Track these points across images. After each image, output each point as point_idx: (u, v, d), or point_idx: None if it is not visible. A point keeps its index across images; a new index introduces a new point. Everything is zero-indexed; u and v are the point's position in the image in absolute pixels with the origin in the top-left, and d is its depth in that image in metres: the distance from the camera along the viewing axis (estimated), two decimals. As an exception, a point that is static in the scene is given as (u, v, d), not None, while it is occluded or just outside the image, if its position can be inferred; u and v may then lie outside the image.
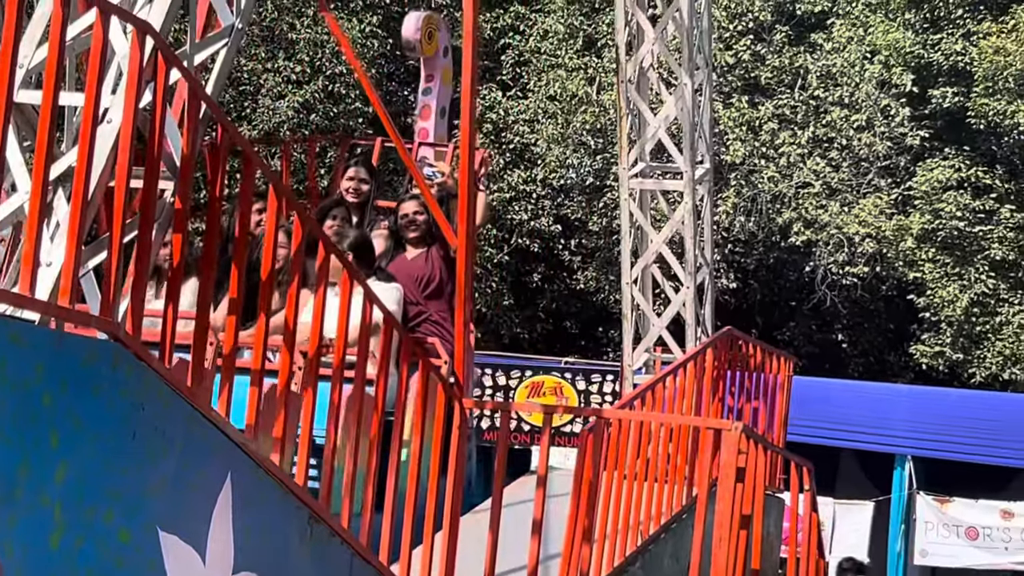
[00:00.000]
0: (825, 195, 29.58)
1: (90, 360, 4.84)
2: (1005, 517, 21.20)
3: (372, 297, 6.80)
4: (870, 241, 28.95)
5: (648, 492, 9.03)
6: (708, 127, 12.86)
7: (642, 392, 9.45)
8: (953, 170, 28.72)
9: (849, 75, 29.50)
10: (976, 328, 28.61)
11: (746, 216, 29.91)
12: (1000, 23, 28.28)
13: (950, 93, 29.13)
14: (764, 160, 29.70)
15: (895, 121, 29.25)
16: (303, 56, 28.55)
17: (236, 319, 5.93)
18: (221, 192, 5.82)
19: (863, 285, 30.09)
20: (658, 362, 13.42)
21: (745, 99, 30.04)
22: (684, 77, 12.33)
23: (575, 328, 33.51)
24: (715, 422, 9.65)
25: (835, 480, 21.82)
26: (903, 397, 23.38)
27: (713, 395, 10.97)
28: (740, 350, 11.94)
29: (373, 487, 6.86)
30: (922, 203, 28.65)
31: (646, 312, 12.59)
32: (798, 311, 32.23)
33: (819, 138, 29.81)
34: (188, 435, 5.31)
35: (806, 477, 10.15)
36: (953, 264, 28.56)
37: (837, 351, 32.18)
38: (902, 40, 29.06)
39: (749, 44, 30.32)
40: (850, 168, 29.76)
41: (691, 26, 12.29)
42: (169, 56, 5.47)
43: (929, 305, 28.98)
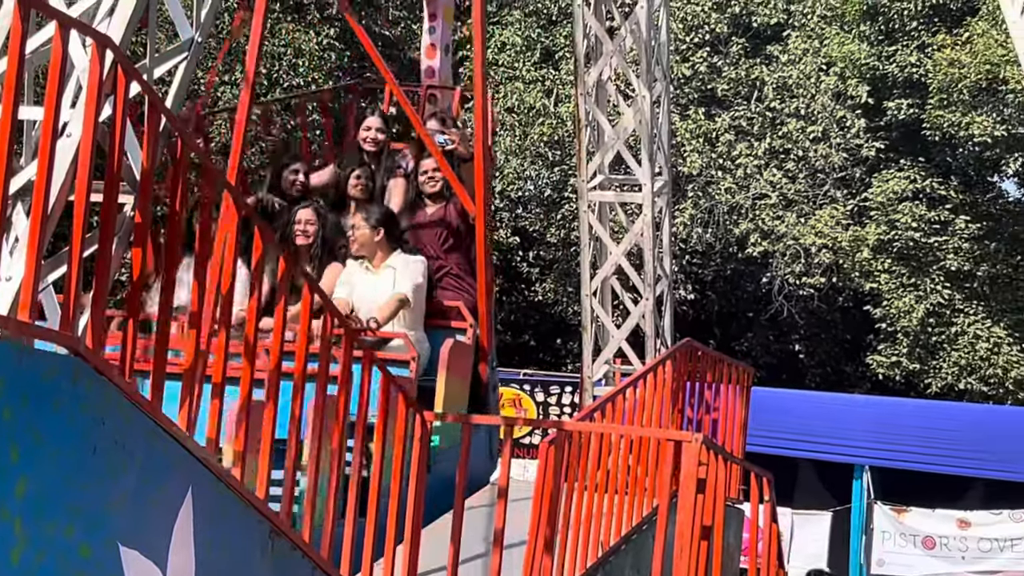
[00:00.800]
0: (782, 206, 29.71)
1: (50, 375, 4.81)
2: (962, 526, 21.32)
3: (333, 309, 6.77)
4: (826, 252, 29.08)
5: (609, 504, 9.03)
6: (666, 139, 12.90)
7: (602, 404, 9.45)
8: (908, 181, 28.90)
9: (805, 87, 29.65)
10: (932, 338, 28.77)
11: (703, 227, 30.01)
12: (954, 35, 28.48)
13: (905, 105, 29.31)
14: (721, 171, 29.81)
15: (851, 132, 29.41)
16: (261, 69, 28.47)
17: (198, 330, 5.91)
18: (182, 206, 5.81)
19: (820, 296, 30.23)
20: (618, 374, 13.45)
21: (702, 111, 30.16)
22: (642, 89, 12.37)
23: (534, 340, 33.53)
24: (675, 434, 9.66)
25: (793, 490, 21.90)
26: (860, 407, 23.49)
27: (673, 406, 10.98)
28: (699, 361, 11.97)
29: (335, 499, 6.84)
30: (878, 214, 28.81)
31: (605, 324, 12.62)
32: (756, 322, 32.35)
33: (775, 149, 29.94)
34: (149, 450, 5.28)
35: (766, 488, 10.17)
36: (909, 275, 28.71)
37: (795, 362, 32.31)
38: (857, 52, 29.23)
39: (706, 56, 30.44)
40: (806, 179, 29.90)
41: (649, 39, 12.33)
42: (129, 69, 5.45)
43: (885, 316, 29.13)
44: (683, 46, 30.25)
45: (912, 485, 21.51)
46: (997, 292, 29.09)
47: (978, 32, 27.72)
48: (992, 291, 29.03)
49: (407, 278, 10.36)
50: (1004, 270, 29.11)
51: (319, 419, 6.73)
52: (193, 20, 6.38)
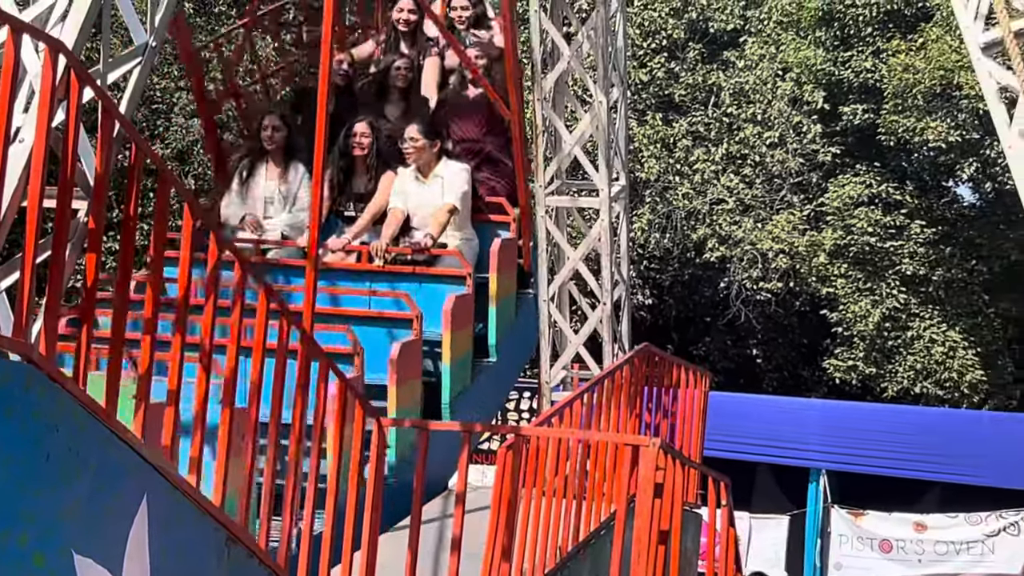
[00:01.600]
0: (739, 211, 29.80)
1: (2, 382, 4.77)
2: (918, 530, 21.43)
3: (291, 319, 6.74)
4: (783, 257, 29.18)
5: (567, 509, 9.03)
6: (623, 144, 12.93)
7: (560, 409, 9.45)
8: (864, 186, 29.03)
9: (762, 92, 29.75)
10: (888, 343, 28.90)
11: (661, 233, 30.07)
12: (909, 41, 28.63)
13: (860, 110, 29.44)
14: (679, 177, 29.88)
15: (807, 138, 29.53)
16: (216, 74, 28.38)
17: (151, 339, 5.87)
18: (135, 211, 5.77)
19: (777, 301, 30.33)
20: (576, 379, 13.45)
21: (659, 116, 30.23)
22: (599, 95, 12.38)
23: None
24: (633, 438, 9.67)
25: (751, 494, 21.96)
26: (817, 411, 23.57)
27: (631, 411, 10.99)
28: (657, 366, 11.99)
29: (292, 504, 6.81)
30: (834, 219, 28.93)
31: (563, 329, 12.63)
32: (713, 327, 32.43)
33: (733, 155, 30.04)
34: (103, 457, 5.24)
35: (723, 492, 10.19)
36: (865, 279, 28.84)
37: (752, 366, 32.41)
38: (813, 58, 29.35)
39: (663, 62, 30.51)
40: (763, 185, 30.00)
41: (606, 44, 12.34)
42: (82, 74, 5.41)
43: (842, 320, 29.25)
44: (640, 52, 30.31)
45: (869, 489, 21.60)
46: (952, 296, 29.24)
47: (932, 38, 27.88)
48: (947, 295, 29.18)
49: (455, 187, 11.41)
50: (959, 274, 29.27)
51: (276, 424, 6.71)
52: (148, 25, 6.34)
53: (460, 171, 11.56)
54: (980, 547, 21.22)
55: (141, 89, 6.16)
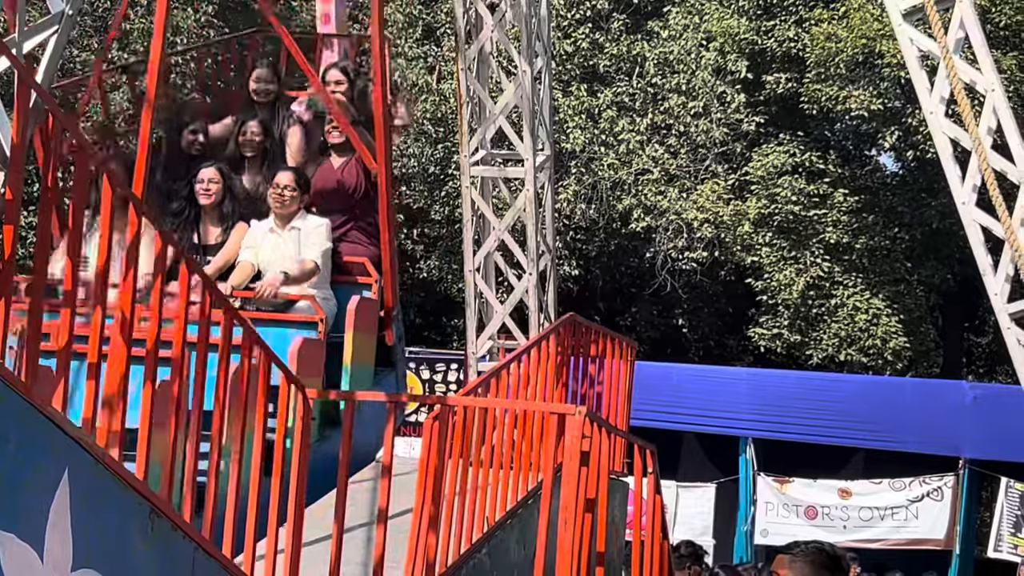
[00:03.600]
0: (664, 181, 29.88)
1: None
2: (843, 496, 21.63)
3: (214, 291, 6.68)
4: (708, 227, 29.29)
5: (494, 479, 9.03)
6: (548, 114, 12.91)
7: (486, 379, 9.44)
8: (788, 155, 29.18)
9: (686, 62, 29.81)
10: (812, 311, 29.10)
11: (587, 203, 30.11)
12: (831, 10, 28.78)
13: (784, 79, 29.57)
14: (604, 148, 29.91)
15: (731, 107, 29.62)
16: (138, 46, 28.11)
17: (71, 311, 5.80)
18: (54, 184, 5.70)
19: (702, 270, 30.46)
20: (502, 350, 13.45)
21: (584, 87, 30.24)
22: (523, 64, 12.36)
23: (419, 318, 33.49)
24: (559, 407, 9.68)
25: (678, 463, 22.08)
26: (743, 380, 23.71)
27: (557, 381, 11.00)
28: (583, 336, 12.00)
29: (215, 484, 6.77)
30: (758, 188, 29.07)
31: (489, 299, 12.61)
32: (639, 297, 32.55)
33: (657, 125, 30.09)
34: (22, 431, 5.18)
35: (649, 460, 10.23)
36: (789, 248, 29.00)
37: (678, 335, 32.57)
38: (737, 27, 29.43)
39: (587, 32, 30.51)
40: (688, 155, 30.09)
41: (529, 14, 12.32)
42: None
43: (766, 289, 29.42)
44: (565, 23, 30.29)
45: (794, 456, 21.77)
46: (875, 264, 29.48)
47: (854, 7, 28.02)
48: (871, 263, 29.41)
49: (315, 242, 10.50)
50: (882, 242, 29.51)
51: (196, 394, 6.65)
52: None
53: (320, 225, 10.66)
54: (904, 512, 21.45)
55: (58, 58, 6.08)
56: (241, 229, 10.65)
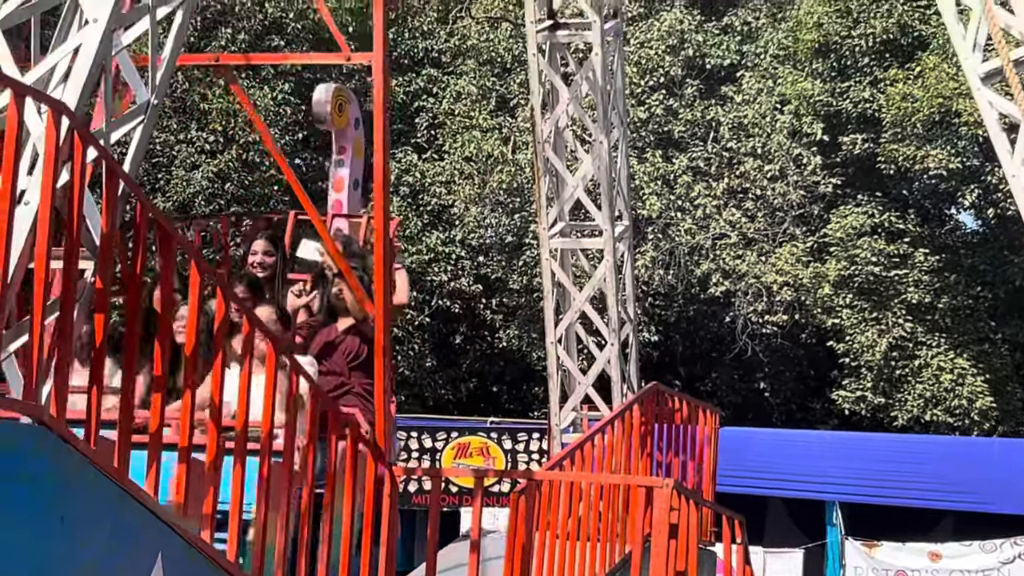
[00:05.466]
0: (742, 245, 29.80)
1: (13, 444, 4.78)
2: (933, 559, 21.36)
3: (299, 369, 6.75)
4: (788, 289, 29.15)
5: (581, 551, 9.00)
6: (625, 184, 12.93)
7: (571, 452, 9.43)
8: (866, 216, 29.02)
9: (760, 126, 29.79)
10: (896, 372, 28.84)
11: (665, 269, 30.07)
12: (906, 70, 28.69)
13: (860, 140, 29.46)
14: (680, 213, 29.90)
15: (807, 170, 29.54)
16: (216, 126, 28.48)
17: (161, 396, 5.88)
18: (142, 270, 5.78)
19: (783, 333, 30.28)
20: (585, 420, 13.42)
21: (659, 153, 30.27)
22: (599, 135, 12.39)
23: (500, 387, 33.48)
24: (646, 479, 9.65)
25: (764, 528, 21.91)
26: (827, 443, 23.53)
27: (642, 451, 10.97)
28: (666, 405, 11.97)
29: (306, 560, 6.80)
30: (838, 250, 28.91)
31: (571, 370, 12.60)
32: (720, 361, 32.38)
33: (734, 189, 30.05)
34: (117, 516, 5.24)
35: (738, 530, 10.16)
36: (871, 309, 28.80)
37: (760, 400, 32.35)
38: (811, 89, 29.40)
39: (661, 99, 30.58)
40: (765, 218, 30.00)
41: (604, 85, 12.36)
42: (85, 135, 5.43)
43: (848, 351, 29.19)
44: (638, 89, 30.37)
45: (882, 519, 21.55)
46: (959, 323, 29.20)
47: (930, 66, 27.93)
48: (954, 323, 29.14)
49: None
50: (965, 301, 29.23)
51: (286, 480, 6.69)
52: (148, 82, 6.36)
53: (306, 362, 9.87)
54: (995, 575, 21.14)
55: (145, 147, 6.17)
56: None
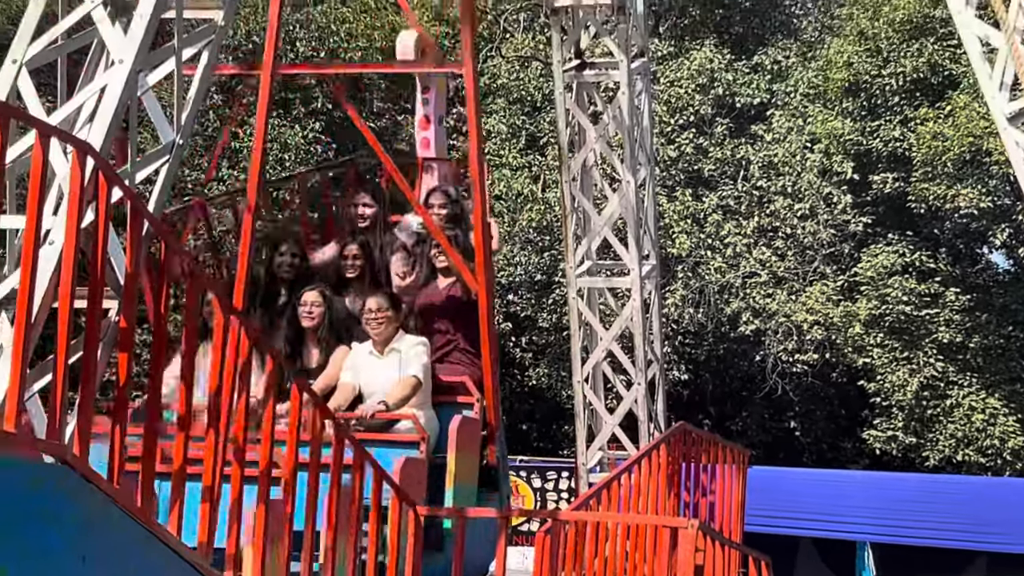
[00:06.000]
0: (772, 284, 29.72)
1: (37, 484, 4.78)
2: (966, 600, 21.22)
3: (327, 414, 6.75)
4: (818, 328, 29.06)
5: (607, 592, 8.96)
6: (653, 223, 12.92)
7: (597, 492, 9.40)
8: (897, 255, 28.93)
9: (791, 164, 29.76)
10: (927, 412, 28.70)
11: (695, 308, 30.00)
12: (937, 109, 28.63)
13: (891, 179, 29.40)
14: (710, 251, 29.86)
15: (838, 208, 29.49)
16: (247, 164, 28.57)
17: (186, 432, 5.88)
18: (166, 310, 5.79)
19: (813, 372, 30.17)
20: (612, 460, 13.38)
21: (689, 192, 30.25)
22: (627, 175, 12.40)
23: (529, 425, 33.43)
24: (671, 520, 9.61)
25: (794, 569, 21.78)
26: (858, 483, 23.41)
27: (669, 491, 10.92)
28: (694, 444, 11.92)
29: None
30: (868, 289, 28.81)
31: (598, 410, 12.57)
32: (750, 400, 32.27)
33: (764, 228, 30.00)
34: (141, 557, 5.24)
35: (765, 571, 10.11)
36: (902, 348, 28.67)
37: (790, 439, 32.21)
38: (841, 128, 29.36)
39: (691, 137, 30.57)
40: (796, 256, 29.93)
41: (631, 124, 12.37)
42: (111, 175, 5.46)
43: (880, 390, 29.07)
44: (668, 128, 30.38)
45: (914, 560, 21.39)
46: (990, 363, 29.04)
47: (960, 105, 27.88)
48: (985, 362, 28.98)
49: (415, 360, 10.54)
50: (996, 341, 29.09)
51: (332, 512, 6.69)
52: (174, 122, 6.39)
53: (417, 344, 10.74)
54: (1028, 616, 20.98)
55: (169, 187, 6.20)
56: (342, 352, 10.74)
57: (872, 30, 29.44)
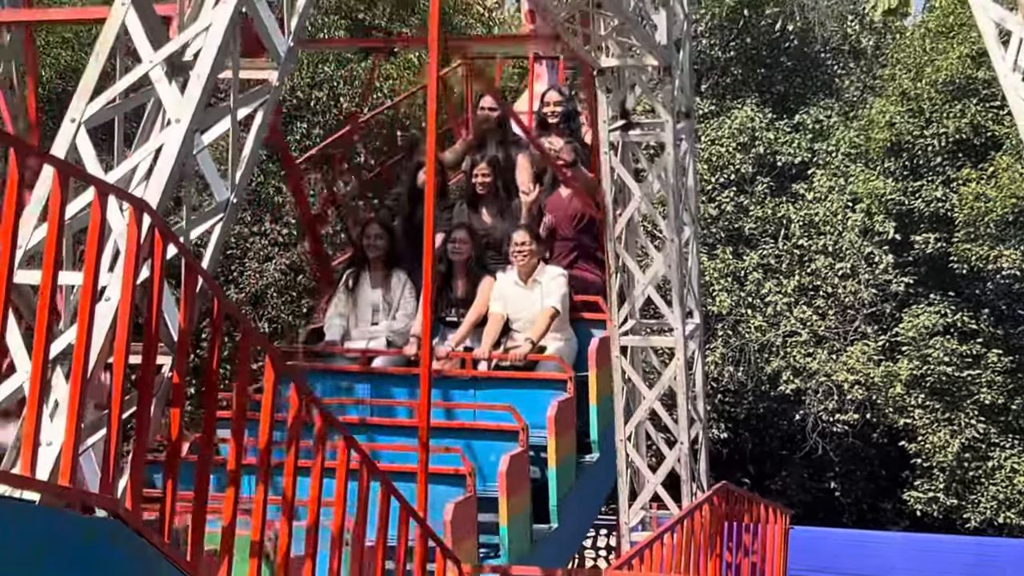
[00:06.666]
0: (813, 343, 29.66)
1: (90, 538, 4.83)
2: (1007, 664, 21.02)
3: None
4: (859, 388, 28.96)
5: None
6: (697, 282, 12.94)
7: (639, 551, 9.39)
8: (939, 316, 28.83)
9: (832, 224, 29.75)
10: (969, 473, 28.52)
11: (735, 366, 29.95)
12: (979, 170, 28.61)
13: (932, 239, 29.35)
14: (751, 310, 29.82)
15: (879, 268, 29.43)
16: (290, 219, 28.72)
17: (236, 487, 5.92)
18: (218, 364, 5.85)
19: (854, 432, 30.04)
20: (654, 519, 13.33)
21: (729, 250, 30.26)
22: (671, 234, 12.42)
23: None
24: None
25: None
26: (899, 545, 23.29)
27: (711, 551, 10.90)
28: (736, 504, 11.89)
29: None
30: (910, 349, 28.72)
31: (640, 468, 12.55)
32: (790, 460, 32.13)
33: (804, 286, 29.96)
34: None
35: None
36: (943, 409, 28.54)
37: (830, 499, 32.03)
38: (883, 188, 29.36)
39: (732, 196, 30.61)
40: (836, 316, 29.87)
41: (676, 183, 12.41)
42: (166, 233, 5.53)
43: (920, 451, 28.92)
44: (709, 186, 30.44)
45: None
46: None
47: (1003, 166, 27.85)
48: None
49: (555, 291, 12.20)
50: (1038, 402, 28.93)
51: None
52: (229, 181, 6.47)
53: (558, 275, 12.31)
54: None
55: (223, 245, 6.27)
56: (488, 283, 12.29)
57: (915, 90, 29.47)
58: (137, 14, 6.38)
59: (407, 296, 12.32)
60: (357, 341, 12.15)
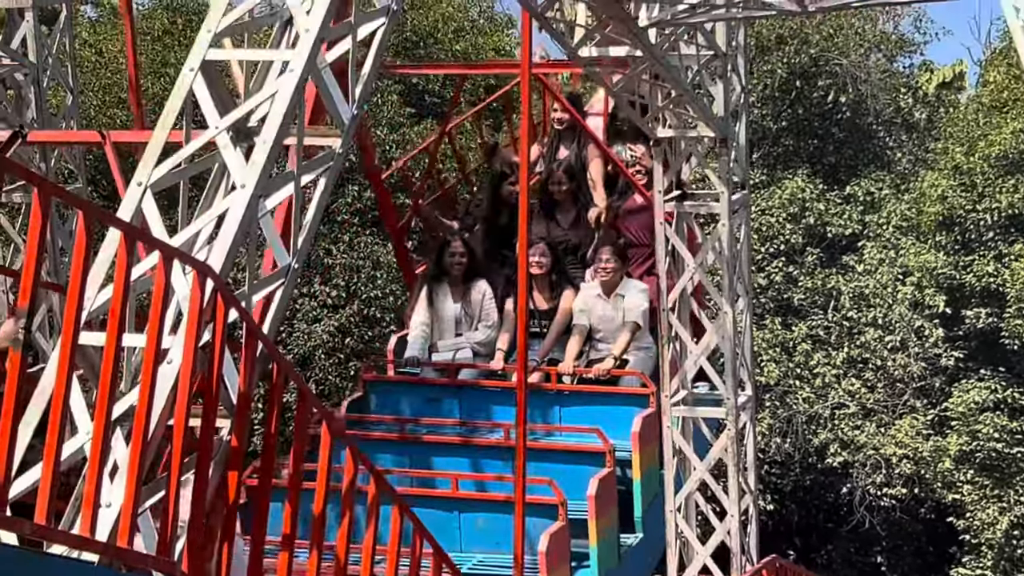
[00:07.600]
0: (861, 416, 29.48)
1: (147, 601, 4.84)
2: None
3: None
4: (907, 462, 28.74)
5: None
6: (749, 353, 12.92)
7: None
8: (989, 391, 28.62)
9: (882, 296, 29.63)
10: (1018, 551, 28.21)
11: (782, 437, 29.78)
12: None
13: (983, 314, 29.18)
14: (799, 381, 29.69)
15: (929, 342, 29.27)
16: (339, 281, 28.84)
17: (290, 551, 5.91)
18: (276, 430, 5.87)
19: (901, 507, 29.79)
20: (703, 593, 13.26)
21: (778, 320, 30.16)
22: (725, 305, 12.42)
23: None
24: (764, 655, 9.52)
25: None
26: (947, 622, 23.01)
27: (760, 626, 10.81)
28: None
29: None
30: (959, 424, 28.51)
31: (690, 540, 12.50)
32: (836, 533, 31.87)
33: (853, 359, 29.81)
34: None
35: None
36: (992, 486, 28.28)
37: (876, 574, 31.73)
38: (934, 262, 29.25)
39: (781, 266, 30.55)
40: (885, 389, 29.69)
41: (731, 255, 12.42)
42: (228, 297, 5.57)
43: (969, 527, 28.64)
44: (758, 256, 30.38)
45: None
46: (1084, 503, 28.56)
47: (1055, 242, 27.74)
48: (1079, 502, 28.51)
49: (636, 305, 12.83)
50: (1090, 480, 28.63)
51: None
52: (291, 247, 6.51)
53: (640, 291, 12.92)
54: None
55: (284, 309, 6.31)
56: (570, 296, 12.83)
57: (967, 164, 29.39)
58: (204, 80, 6.45)
59: (487, 306, 12.72)
60: (443, 353, 12.40)
